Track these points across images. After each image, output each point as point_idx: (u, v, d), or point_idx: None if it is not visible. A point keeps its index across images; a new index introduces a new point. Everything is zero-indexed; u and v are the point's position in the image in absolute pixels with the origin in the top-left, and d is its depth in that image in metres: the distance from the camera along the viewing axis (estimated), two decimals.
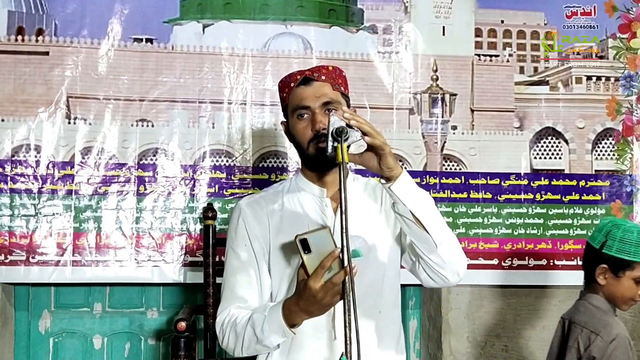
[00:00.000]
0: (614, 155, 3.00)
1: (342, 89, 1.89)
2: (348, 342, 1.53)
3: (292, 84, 1.86)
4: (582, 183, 2.98)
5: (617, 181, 2.99)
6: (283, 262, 1.85)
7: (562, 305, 3.02)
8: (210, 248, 2.51)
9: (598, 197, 2.97)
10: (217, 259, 2.50)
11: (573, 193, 2.96)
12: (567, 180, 2.98)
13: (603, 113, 3.01)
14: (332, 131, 1.68)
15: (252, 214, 1.89)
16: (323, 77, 1.85)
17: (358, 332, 1.51)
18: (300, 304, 1.63)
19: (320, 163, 1.81)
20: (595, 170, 2.99)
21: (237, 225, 1.90)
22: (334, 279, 1.55)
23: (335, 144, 1.67)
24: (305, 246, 1.57)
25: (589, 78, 3.03)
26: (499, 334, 3.03)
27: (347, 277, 1.54)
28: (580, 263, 2.85)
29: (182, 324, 2.25)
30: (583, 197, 2.97)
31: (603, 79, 3.02)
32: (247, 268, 1.87)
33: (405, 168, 2.89)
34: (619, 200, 2.97)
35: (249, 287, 1.86)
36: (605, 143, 3.01)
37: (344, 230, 1.56)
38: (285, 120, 1.94)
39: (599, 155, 3.01)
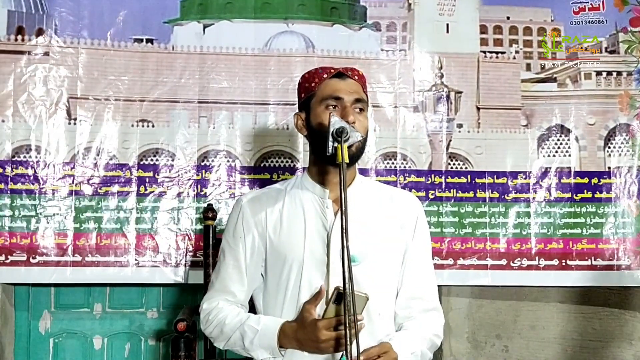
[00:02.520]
0: (628, 151, 2.98)
1: (367, 95, 1.97)
2: (348, 342, 1.57)
3: (324, 75, 1.92)
4: (594, 181, 2.96)
5: (632, 177, 2.97)
6: (280, 259, 1.92)
7: (562, 306, 3.04)
8: (210, 248, 2.54)
9: (612, 195, 2.95)
10: (217, 260, 2.55)
11: (585, 191, 2.95)
12: (577, 178, 2.97)
13: (615, 108, 2.99)
14: (332, 131, 1.74)
15: (252, 211, 1.97)
16: (356, 77, 1.94)
17: (357, 333, 1.57)
18: (299, 334, 1.77)
19: (331, 159, 1.81)
20: (609, 167, 2.97)
21: (235, 221, 1.99)
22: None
23: (336, 144, 1.73)
24: (339, 300, 1.67)
25: (598, 73, 3.01)
26: (499, 334, 3.05)
27: (347, 279, 1.58)
28: (595, 263, 2.85)
29: (182, 325, 2.30)
30: (596, 195, 2.95)
31: (614, 73, 3.01)
32: (239, 264, 1.96)
33: (410, 167, 2.93)
34: (635, 197, 2.95)
35: (240, 284, 1.96)
36: (619, 139, 2.99)
37: (344, 231, 1.62)
38: (301, 112, 1.98)
39: (612, 151, 2.99)
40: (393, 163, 2.93)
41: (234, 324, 1.87)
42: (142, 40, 2.85)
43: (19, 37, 2.79)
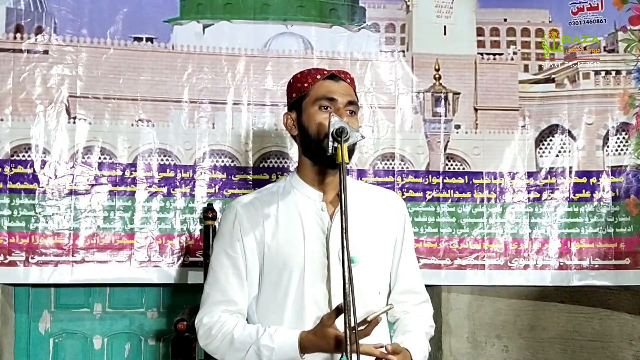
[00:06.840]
0: (628, 149, 3.02)
1: (357, 99, 2.02)
2: (348, 342, 1.62)
3: (317, 76, 1.96)
4: (592, 180, 3.01)
5: (632, 176, 3.01)
6: (278, 266, 1.93)
7: (562, 306, 3.09)
8: (210, 248, 2.56)
9: (610, 195, 3.00)
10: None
11: (583, 191, 3.01)
12: (576, 177, 3.02)
13: (614, 107, 3.04)
14: (332, 131, 1.78)
15: (247, 217, 1.96)
16: (348, 80, 1.99)
17: (357, 334, 1.62)
18: (322, 346, 1.78)
19: (328, 160, 1.84)
20: (607, 167, 3.02)
21: (232, 227, 1.97)
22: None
23: (336, 144, 1.77)
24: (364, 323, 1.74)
25: (597, 73, 3.06)
26: (499, 334, 3.11)
27: (346, 280, 1.63)
28: (593, 263, 2.90)
29: (183, 325, 2.35)
30: (594, 195, 3.01)
31: (613, 72, 3.06)
32: (239, 271, 1.95)
33: (408, 168, 2.99)
34: (634, 196, 2.99)
35: (241, 291, 1.95)
36: (618, 138, 3.04)
37: (344, 231, 1.66)
38: (291, 112, 2.00)
39: (611, 150, 3.03)
40: (391, 164, 3.00)
41: (243, 338, 1.86)
42: (142, 39, 2.90)
43: (18, 35, 2.82)
